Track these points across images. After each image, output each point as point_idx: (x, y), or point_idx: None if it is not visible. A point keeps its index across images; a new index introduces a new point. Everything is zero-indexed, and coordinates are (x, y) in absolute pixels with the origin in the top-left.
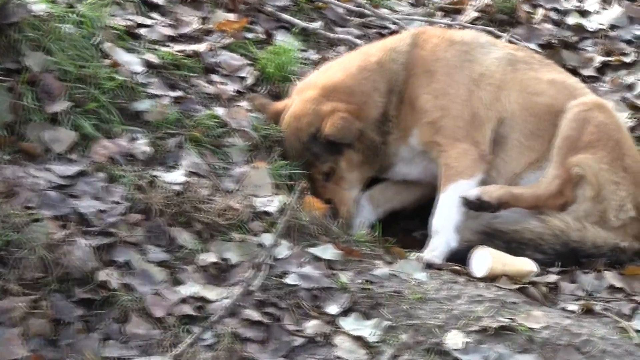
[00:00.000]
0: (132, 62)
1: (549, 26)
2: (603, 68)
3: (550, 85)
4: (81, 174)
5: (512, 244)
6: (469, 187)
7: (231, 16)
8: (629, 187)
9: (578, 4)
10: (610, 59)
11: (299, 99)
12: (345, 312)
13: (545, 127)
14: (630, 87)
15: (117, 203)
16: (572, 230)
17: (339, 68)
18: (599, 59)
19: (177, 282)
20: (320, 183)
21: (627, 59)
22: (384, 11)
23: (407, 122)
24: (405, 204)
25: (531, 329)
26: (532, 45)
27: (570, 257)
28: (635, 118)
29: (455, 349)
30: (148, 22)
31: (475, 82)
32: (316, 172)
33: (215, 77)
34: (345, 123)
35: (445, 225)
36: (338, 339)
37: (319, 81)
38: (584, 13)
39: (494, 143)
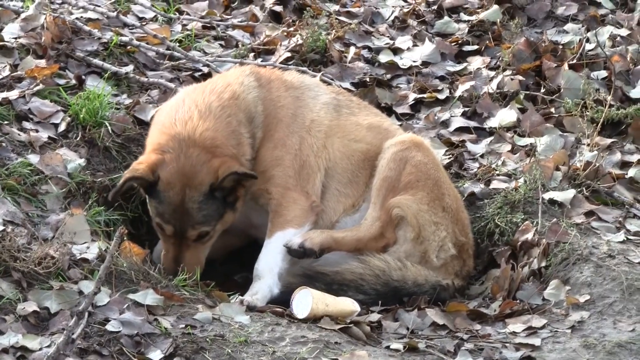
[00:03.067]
0: None
1: (361, 64)
2: (417, 105)
3: (369, 131)
4: None
5: (334, 286)
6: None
7: (42, 62)
8: (449, 226)
9: (390, 41)
10: (424, 95)
11: (182, 160)
12: (168, 357)
13: (362, 172)
14: (445, 123)
15: None
16: (393, 269)
17: (201, 115)
18: (413, 96)
19: None
20: (186, 243)
21: (440, 95)
22: (195, 53)
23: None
24: (214, 251)
25: None
26: (346, 84)
27: (392, 296)
28: (451, 154)
29: None
30: None
31: (307, 129)
32: (192, 234)
33: (27, 124)
34: (235, 168)
35: (268, 270)
36: None
37: (195, 136)
38: (396, 50)
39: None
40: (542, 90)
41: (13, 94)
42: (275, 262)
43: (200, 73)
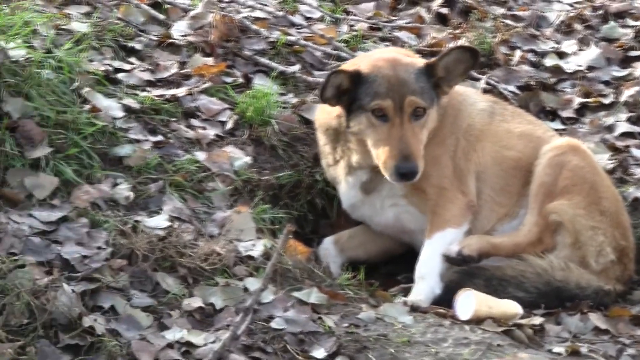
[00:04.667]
0: (111, 107)
1: (527, 68)
2: (582, 109)
3: (520, 139)
4: (63, 219)
5: (493, 281)
6: (457, 236)
7: (209, 60)
8: (607, 231)
9: (555, 45)
10: (588, 100)
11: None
12: (331, 356)
13: (513, 181)
14: (609, 128)
15: (101, 248)
16: (556, 269)
17: None
18: (577, 100)
19: (163, 327)
20: (406, 122)
21: (605, 100)
22: (361, 53)
23: None
24: (370, 254)
25: None
26: (511, 87)
27: (553, 297)
28: (615, 159)
29: None
30: (126, 66)
31: (463, 132)
32: (411, 101)
33: (194, 122)
34: None
35: (430, 271)
36: None
37: None
38: (561, 55)
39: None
40: None
41: (181, 92)
42: (436, 262)
43: None
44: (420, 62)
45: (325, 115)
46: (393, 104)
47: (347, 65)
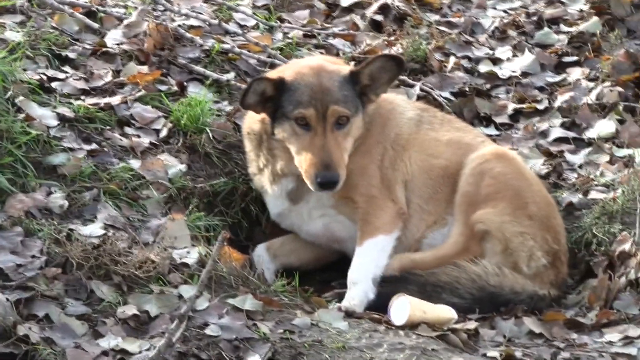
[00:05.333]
0: (45, 115)
1: (461, 74)
2: (516, 115)
3: (448, 146)
4: None
5: (427, 287)
6: (388, 243)
7: (144, 68)
8: (537, 235)
9: (490, 52)
10: (523, 106)
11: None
12: None
13: (442, 189)
14: (543, 133)
15: (35, 257)
16: (490, 275)
17: None
18: (512, 106)
19: (98, 335)
20: (328, 130)
21: (540, 106)
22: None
23: None
24: (302, 261)
25: None
26: (446, 94)
27: (488, 302)
28: (549, 164)
29: None
30: (60, 75)
31: (390, 142)
32: (333, 111)
33: (129, 130)
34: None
35: (363, 277)
36: None
37: None
38: (495, 61)
39: None
40: None
41: (115, 100)
42: (368, 268)
43: None
44: (346, 69)
45: (251, 120)
46: (315, 112)
47: (273, 73)
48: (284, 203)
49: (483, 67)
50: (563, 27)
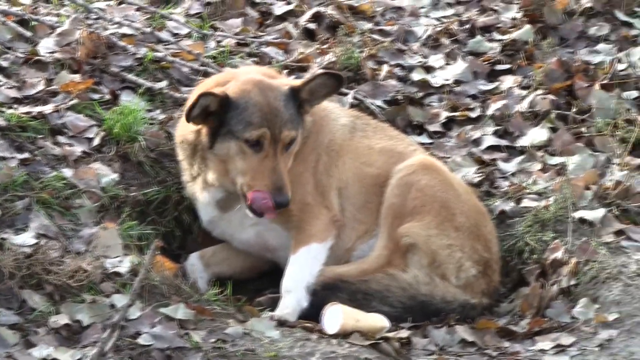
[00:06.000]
0: None
1: (394, 82)
2: (449, 123)
3: (380, 155)
4: None
5: (358, 295)
6: (321, 251)
7: (76, 77)
8: (465, 246)
9: (422, 60)
10: (456, 114)
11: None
12: None
13: (374, 198)
14: (476, 141)
15: None
16: (420, 284)
17: None
18: (444, 115)
19: (30, 345)
20: (278, 152)
21: (472, 114)
22: (229, 70)
23: None
24: (235, 270)
25: None
26: (378, 102)
27: (419, 311)
28: (482, 172)
29: None
30: None
31: (324, 148)
32: (286, 135)
33: (61, 139)
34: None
35: (296, 285)
36: None
37: None
38: (428, 69)
39: None
40: (574, 109)
41: (48, 108)
42: (302, 276)
43: None
44: (285, 84)
45: (184, 129)
46: (270, 134)
47: (214, 85)
48: (214, 211)
49: (416, 75)
50: (496, 35)
